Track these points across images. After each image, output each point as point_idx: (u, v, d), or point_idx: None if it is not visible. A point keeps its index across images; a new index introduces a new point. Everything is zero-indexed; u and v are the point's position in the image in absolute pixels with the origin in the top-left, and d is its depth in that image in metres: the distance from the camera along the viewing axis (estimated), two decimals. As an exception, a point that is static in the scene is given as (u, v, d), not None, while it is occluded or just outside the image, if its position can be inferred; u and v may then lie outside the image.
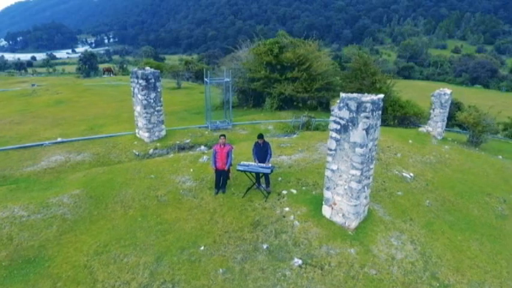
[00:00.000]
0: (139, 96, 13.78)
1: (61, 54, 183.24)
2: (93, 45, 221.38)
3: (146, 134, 14.24)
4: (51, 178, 12.11)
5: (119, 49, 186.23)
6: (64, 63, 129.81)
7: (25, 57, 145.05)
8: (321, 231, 8.74)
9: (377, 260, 8.03)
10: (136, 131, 14.92)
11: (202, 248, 8.28)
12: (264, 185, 10.31)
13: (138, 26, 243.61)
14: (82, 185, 10.85)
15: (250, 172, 9.93)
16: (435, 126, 15.79)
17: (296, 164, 12.03)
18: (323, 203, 9.15)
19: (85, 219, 9.41)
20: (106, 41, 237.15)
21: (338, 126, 8.21)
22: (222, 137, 9.90)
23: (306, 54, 20.53)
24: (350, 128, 7.97)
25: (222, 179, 10.17)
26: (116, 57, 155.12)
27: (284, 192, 10.29)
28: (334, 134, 8.36)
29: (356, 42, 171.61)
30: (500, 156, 15.54)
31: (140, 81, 13.48)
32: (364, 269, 7.78)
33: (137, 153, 13.88)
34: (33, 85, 31.35)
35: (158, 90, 14.20)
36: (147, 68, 14.23)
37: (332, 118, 8.35)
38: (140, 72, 13.44)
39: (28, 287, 7.49)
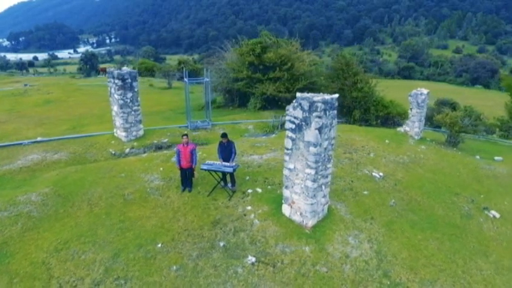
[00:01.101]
0: (116, 96, 13.95)
1: (63, 54, 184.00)
2: (95, 45, 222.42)
3: (124, 134, 14.40)
4: (26, 176, 12.31)
5: (120, 49, 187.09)
6: (66, 63, 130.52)
7: (27, 57, 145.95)
8: (279, 230, 8.86)
9: (330, 258, 8.14)
10: (114, 130, 15.10)
11: (159, 245, 8.41)
12: (230, 184, 10.43)
13: (139, 26, 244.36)
14: (52, 183, 11.01)
15: (214, 171, 10.06)
16: (413, 126, 15.85)
17: (266, 163, 12.14)
18: (283, 201, 9.26)
19: (50, 217, 9.56)
20: (108, 41, 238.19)
21: (293, 126, 8.32)
22: (184, 137, 10.05)
23: (288, 54, 20.64)
24: (304, 127, 8.08)
25: (187, 177, 10.30)
26: (117, 57, 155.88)
27: (249, 191, 10.40)
28: (290, 134, 8.47)
29: (356, 42, 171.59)
30: (478, 156, 15.57)
31: (116, 81, 13.65)
32: (316, 266, 7.89)
33: (113, 152, 14.05)
34: (25, 85, 31.64)
35: (135, 90, 14.36)
36: (124, 67, 14.40)
37: (287, 118, 8.46)
38: (116, 72, 13.61)
39: (-14, 283, 7.65)
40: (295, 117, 8.21)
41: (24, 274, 7.81)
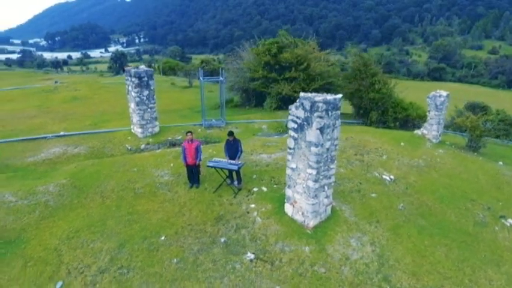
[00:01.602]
0: (133, 93, 14.47)
1: (95, 53, 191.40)
2: (124, 44, 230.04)
3: (140, 130, 14.91)
4: (47, 168, 13.04)
5: (149, 49, 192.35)
6: (97, 62, 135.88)
7: (62, 56, 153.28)
8: (280, 228, 8.90)
9: (330, 259, 8.09)
10: (131, 126, 15.65)
11: (162, 238, 8.70)
12: (236, 182, 10.58)
13: (167, 26, 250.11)
14: (69, 175, 11.61)
15: (220, 168, 10.24)
16: (431, 129, 15.33)
17: (274, 162, 12.19)
18: (285, 201, 9.30)
19: (65, 207, 10.12)
20: (137, 40, 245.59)
21: (295, 125, 8.34)
22: (188, 134, 10.30)
23: (304, 54, 20.51)
24: (306, 127, 8.08)
25: (194, 173, 10.54)
26: (145, 56, 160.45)
27: (255, 189, 10.51)
28: (292, 133, 8.50)
29: (385, 42, 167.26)
30: (501, 162, 14.84)
31: (133, 79, 14.16)
32: (314, 267, 7.87)
33: (129, 147, 14.59)
34: (56, 82, 33.32)
35: (152, 88, 14.82)
36: (141, 66, 14.90)
37: (289, 117, 8.49)
38: (133, 70, 14.12)
39: (3, 266, 8.22)
40: (297, 117, 8.23)
41: (38, 258, 8.33)
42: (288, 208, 9.24)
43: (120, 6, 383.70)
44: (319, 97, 7.81)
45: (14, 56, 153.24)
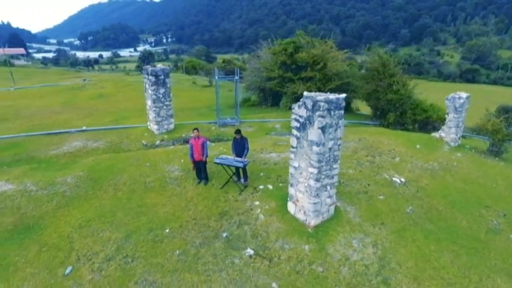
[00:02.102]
0: (149, 91, 14.99)
1: (124, 52, 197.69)
2: (153, 44, 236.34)
3: (155, 127, 15.41)
4: (68, 161, 13.77)
5: (175, 48, 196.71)
6: (126, 61, 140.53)
7: (94, 55, 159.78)
8: (282, 226, 8.98)
9: (329, 259, 8.09)
10: (148, 123, 16.20)
11: (167, 230, 9.01)
12: (242, 179, 10.75)
13: (194, 26, 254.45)
14: (87, 168, 12.22)
15: (227, 165, 10.44)
16: (449, 132, 14.82)
17: (283, 161, 12.25)
18: (288, 199, 9.36)
19: (80, 197, 10.68)
20: (165, 40, 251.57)
21: (298, 124, 8.39)
22: (195, 131, 10.55)
23: (321, 54, 20.34)
24: (308, 126, 8.11)
25: (201, 169, 10.81)
26: (172, 56, 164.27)
27: (261, 187, 10.63)
28: (295, 132, 8.55)
29: (414, 42, 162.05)
30: (525, 168, 14.13)
31: (150, 77, 14.66)
32: (312, 265, 7.90)
33: (145, 143, 15.12)
34: (84, 80, 34.87)
35: (168, 86, 15.28)
36: (158, 65, 15.38)
37: (293, 116, 8.55)
38: (150, 69, 14.62)
39: (21, 249, 8.82)
40: (300, 116, 8.28)
41: (52, 244, 8.86)
42: (290, 206, 9.30)
43: (149, 7, 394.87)
44: (321, 96, 7.82)
45: (50, 55, 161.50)
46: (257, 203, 9.88)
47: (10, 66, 51.83)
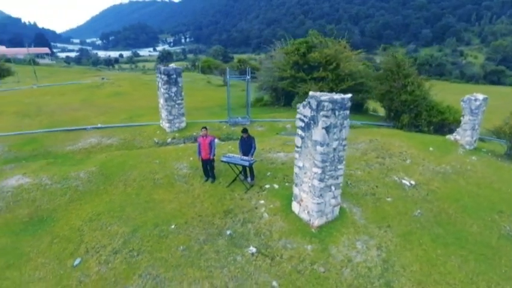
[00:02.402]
0: (162, 90, 15.28)
1: (144, 52, 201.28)
2: (171, 44, 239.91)
3: (167, 125, 15.70)
4: (83, 156, 14.23)
5: (193, 48, 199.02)
6: (146, 61, 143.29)
7: (114, 54, 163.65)
8: (285, 226, 9.00)
9: (331, 260, 8.05)
10: (160, 121, 16.51)
11: (173, 226, 9.19)
12: (249, 178, 10.82)
13: (212, 26, 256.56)
14: (99, 164, 12.59)
15: (233, 164, 10.54)
16: (464, 134, 14.40)
17: (290, 161, 12.17)
18: (292, 199, 9.36)
19: (92, 192, 11.03)
20: (183, 40, 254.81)
21: (302, 124, 8.39)
22: (203, 129, 10.70)
23: (334, 54, 20.14)
24: (312, 126, 8.10)
25: (208, 167, 10.95)
26: (190, 55, 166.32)
27: (267, 186, 10.68)
28: (299, 132, 8.56)
29: (436, 42, 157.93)
30: (544, 174, 13.56)
31: (163, 76, 14.94)
32: (313, 265, 7.89)
33: (156, 141, 15.43)
34: (102, 78, 35.80)
35: (180, 85, 15.53)
36: (171, 64, 15.65)
37: (297, 116, 8.55)
38: (162, 68, 14.91)
39: (34, 240, 9.22)
40: (304, 116, 8.28)
41: (63, 236, 9.22)
42: (295, 206, 9.30)
43: (169, 7, 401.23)
44: (325, 96, 7.79)
45: (73, 55, 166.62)
46: (262, 201, 9.93)
47: (34, 65, 53.72)
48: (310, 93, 8.30)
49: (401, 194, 10.77)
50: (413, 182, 11.39)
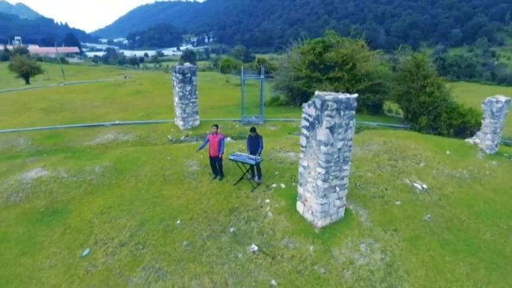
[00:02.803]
0: (177, 88, 15.58)
1: (168, 51, 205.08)
2: (195, 44, 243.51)
3: (181, 123, 16.00)
4: (99, 152, 14.75)
5: (216, 48, 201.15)
6: (169, 60, 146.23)
7: (140, 53, 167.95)
8: (289, 225, 8.98)
9: (333, 261, 7.96)
10: (175, 119, 16.84)
11: (178, 222, 9.37)
12: (256, 177, 10.86)
13: (235, 26, 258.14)
14: (114, 159, 13.01)
15: (241, 162, 10.61)
16: (484, 138, 13.80)
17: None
18: (297, 198, 9.32)
19: (105, 186, 11.42)
20: (206, 40, 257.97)
21: (307, 123, 8.34)
22: (213, 127, 10.83)
23: (351, 54, 19.78)
24: (316, 125, 8.04)
25: (216, 165, 11.08)
26: (213, 55, 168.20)
27: (274, 185, 10.68)
28: (304, 131, 8.51)
29: (466, 43, 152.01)
30: None
31: (177, 75, 15.24)
32: (314, 266, 7.83)
33: (170, 138, 15.76)
34: (125, 77, 36.90)
35: (194, 83, 15.78)
36: (186, 64, 15.93)
37: (302, 115, 8.50)
38: (177, 67, 15.22)
39: (48, 230, 9.67)
40: (309, 115, 8.23)
41: (74, 227, 9.61)
42: (299, 206, 9.26)
43: (193, 7, 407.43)
44: (330, 95, 7.72)
45: (101, 54, 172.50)
46: (268, 200, 9.95)
47: (63, 64, 56.04)
48: (316, 92, 8.24)
49: (411, 197, 10.48)
50: (425, 186, 11.05)
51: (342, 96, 7.81)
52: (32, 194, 11.11)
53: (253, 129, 10.66)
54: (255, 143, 10.62)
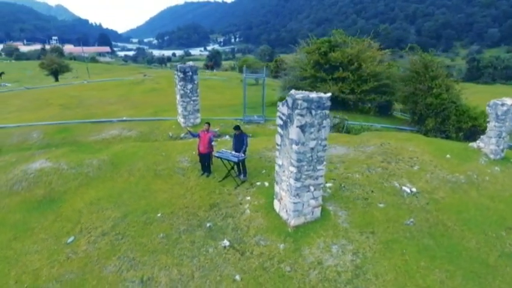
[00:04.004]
0: (178, 86, 16.00)
1: (195, 51, 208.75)
2: (221, 43, 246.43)
3: (182, 120, 16.42)
4: (102, 146, 15.44)
5: (242, 48, 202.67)
6: (196, 60, 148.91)
7: (168, 53, 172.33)
8: (263, 222, 9.05)
9: (301, 260, 7.96)
10: (177, 117, 17.29)
11: (159, 215, 9.70)
12: (242, 175, 11.00)
13: (262, 26, 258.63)
14: (112, 153, 13.59)
15: (224, 159, 10.78)
16: (488, 142, 13.14)
17: (288, 160, 12.16)
18: (274, 197, 9.37)
19: (99, 178, 11.98)
20: (233, 40, 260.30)
21: (281, 122, 8.38)
22: (206, 124, 11.06)
23: (356, 54, 19.36)
24: (289, 124, 8.07)
25: (205, 162, 11.32)
26: (239, 55, 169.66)
27: (258, 183, 10.77)
28: (279, 130, 8.55)
29: (504, 43, 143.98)
30: None
31: (179, 73, 15.66)
32: (281, 264, 7.87)
33: (171, 135, 16.21)
34: (144, 75, 38.10)
35: (195, 82, 16.14)
36: (189, 62, 16.31)
37: (277, 114, 8.55)
38: (179, 65, 15.63)
39: (41, 217, 10.31)
40: (283, 114, 8.27)
41: (65, 216, 10.18)
42: (276, 204, 9.31)
43: (221, 8, 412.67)
44: (300, 94, 7.72)
45: (131, 53, 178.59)
46: (248, 198, 10.06)
47: (92, 63, 58.68)
48: (292, 91, 8.27)
49: (397, 200, 10.22)
50: (414, 190, 10.73)
51: (313, 95, 7.80)
52: (33, 184, 11.85)
53: (237, 127, 10.81)
54: (239, 141, 10.75)
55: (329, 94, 8.06)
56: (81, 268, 8.28)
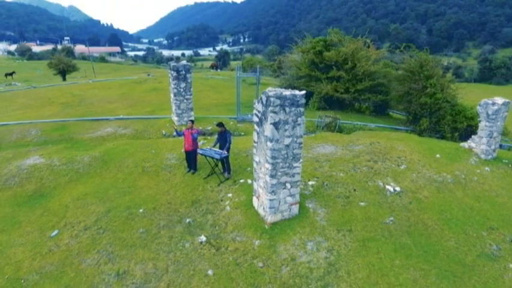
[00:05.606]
0: (172, 85, 16.20)
1: (204, 51, 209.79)
2: (230, 44, 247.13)
3: (176, 118, 16.61)
4: (96, 143, 15.72)
5: (251, 48, 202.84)
6: (204, 60, 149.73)
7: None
8: (242, 219, 9.14)
9: (274, 257, 8.02)
10: (171, 115, 17.50)
11: (141, 210, 9.87)
12: (226, 172, 11.11)
13: (271, 26, 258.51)
14: (104, 150, 13.85)
15: (207, 156, 10.91)
16: (479, 142, 12.97)
17: (274, 158, 12.21)
18: (253, 194, 9.45)
19: (89, 175, 12.23)
20: (242, 40, 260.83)
21: (257, 119, 8.45)
22: (189, 122, 11.21)
23: (351, 53, 19.25)
24: (263, 121, 8.14)
25: (191, 159, 11.46)
26: (247, 55, 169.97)
27: (241, 181, 10.87)
28: (255, 127, 8.63)
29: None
30: None
31: (172, 72, 15.85)
32: (254, 260, 7.94)
33: (164, 133, 16.41)
34: (148, 75, 38.55)
35: (188, 81, 16.31)
36: (182, 61, 16.50)
37: (253, 111, 8.63)
38: (172, 64, 15.81)
39: (29, 211, 10.57)
40: (258, 111, 8.34)
41: (52, 210, 10.43)
42: (254, 201, 9.39)
43: (231, 8, 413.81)
44: (273, 92, 7.79)
45: (141, 53, 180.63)
46: (230, 195, 10.17)
47: (99, 62, 59.57)
48: (268, 89, 8.33)
49: (378, 199, 10.20)
50: (398, 189, 10.69)
51: (287, 92, 7.86)
52: (25, 179, 12.17)
53: (220, 125, 10.92)
54: (223, 138, 10.87)
55: (303, 92, 8.11)
56: (61, 261, 8.48)
